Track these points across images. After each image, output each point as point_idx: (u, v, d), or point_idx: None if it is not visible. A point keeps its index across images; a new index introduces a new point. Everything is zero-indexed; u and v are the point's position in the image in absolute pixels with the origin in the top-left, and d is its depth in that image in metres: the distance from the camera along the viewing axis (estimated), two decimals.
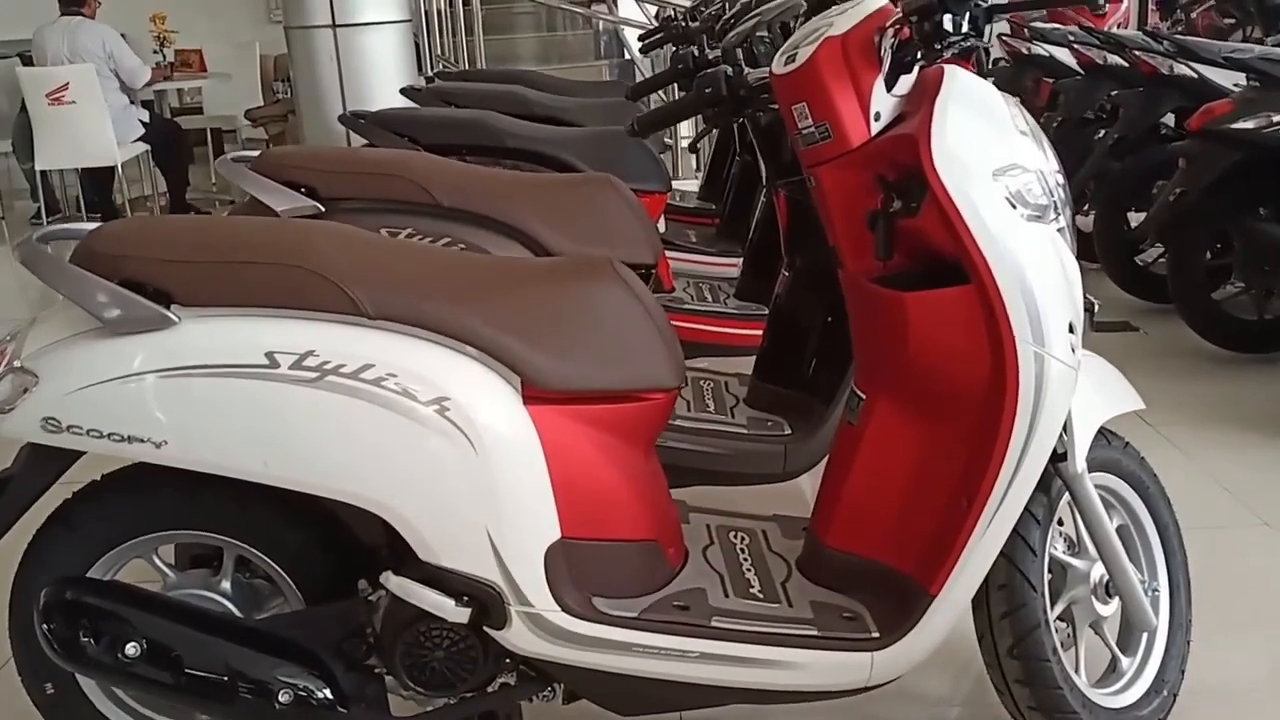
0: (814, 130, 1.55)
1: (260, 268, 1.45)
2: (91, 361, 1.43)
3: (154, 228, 1.57)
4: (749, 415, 2.37)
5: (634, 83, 2.82)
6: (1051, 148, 1.63)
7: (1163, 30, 8.82)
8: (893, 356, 1.57)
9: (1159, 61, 3.81)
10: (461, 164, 2.46)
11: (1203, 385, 3.34)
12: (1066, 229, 1.57)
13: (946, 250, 1.48)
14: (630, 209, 2.32)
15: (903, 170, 1.52)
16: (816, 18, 1.63)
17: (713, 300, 3.24)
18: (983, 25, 1.46)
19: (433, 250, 1.64)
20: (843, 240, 1.61)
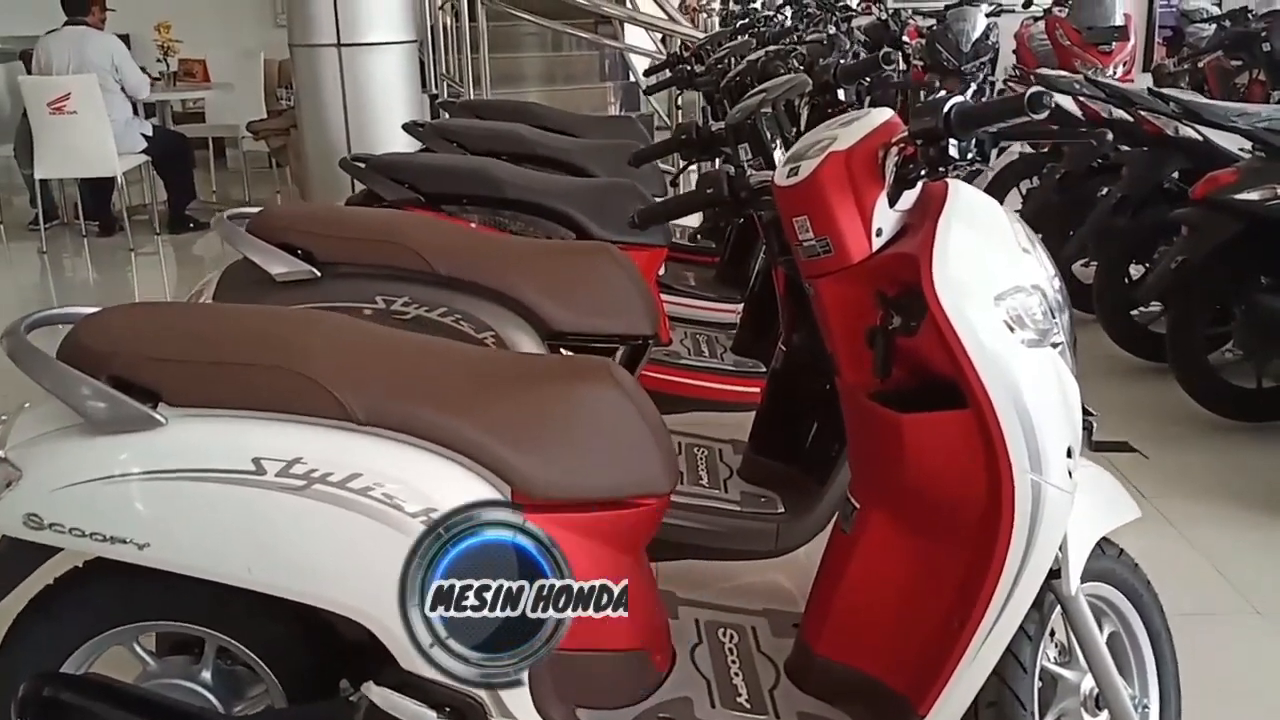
0: (815, 244, 1.54)
1: (250, 370, 1.43)
2: (76, 460, 1.41)
3: (143, 322, 1.54)
4: (742, 490, 2.35)
5: (641, 146, 2.80)
6: (1049, 256, 1.61)
7: (1169, 65, 8.88)
8: (888, 472, 1.55)
9: (1164, 122, 3.80)
10: (460, 229, 2.44)
11: (1199, 455, 3.33)
12: (1065, 342, 1.55)
13: (945, 372, 1.47)
14: (629, 279, 2.30)
15: (903, 287, 1.50)
16: (821, 127, 1.62)
17: (709, 355, 3.22)
18: (988, 150, 1.44)
19: (426, 346, 1.61)
20: (841, 352, 1.59)
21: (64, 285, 6.12)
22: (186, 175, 6.92)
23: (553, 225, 2.94)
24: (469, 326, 2.16)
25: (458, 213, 2.92)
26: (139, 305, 1.63)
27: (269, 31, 8.86)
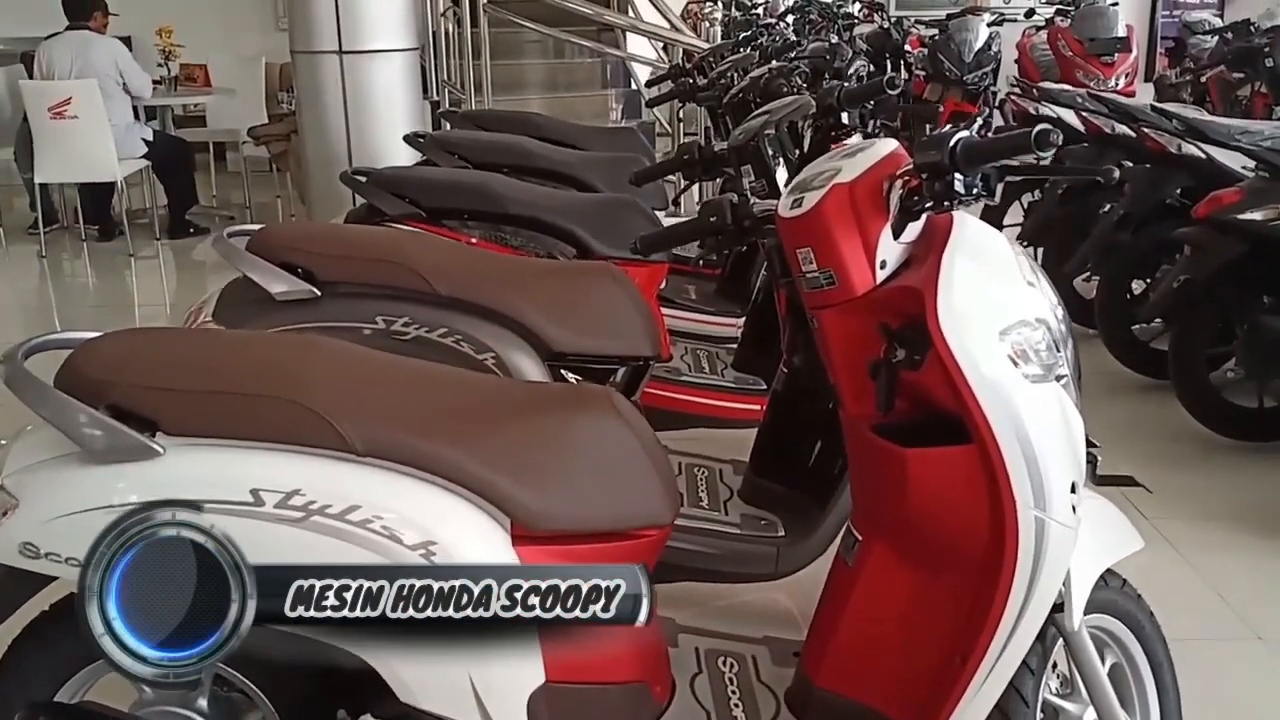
0: (818, 275, 1.53)
1: (249, 400, 1.42)
2: (73, 489, 1.40)
3: (141, 349, 1.53)
4: (742, 512, 2.34)
5: (641, 169, 2.78)
6: (1053, 287, 1.60)
7: (1171, 76, 8.87)
8: (891, 506, 1.54)
9: (1167, 139, 3.79)
10: (461, 249, 2.43)
11: (1201, 475, 3.32)
12: (1069, 375, 1.54)
13: (948, 406, 1.46)
14: (630, 299, 2.30)
15: (907, 319, 1.49)
16: (825, 158, 1.61)
17: (710, 371, 3.21)
18: (994, 185, 1.43)
19: (427, 374, 1.60)
20: (843, 383, 1.58)
21: (63, 290, 6.12)
22: (187, 180, 6.91)
23: (554, 241, 2.93)
24: (469, 347, 2.15)
25: (458, 228, 2.92)
26: (138, 331, 1.61)
27: (271, 35, 8.83)
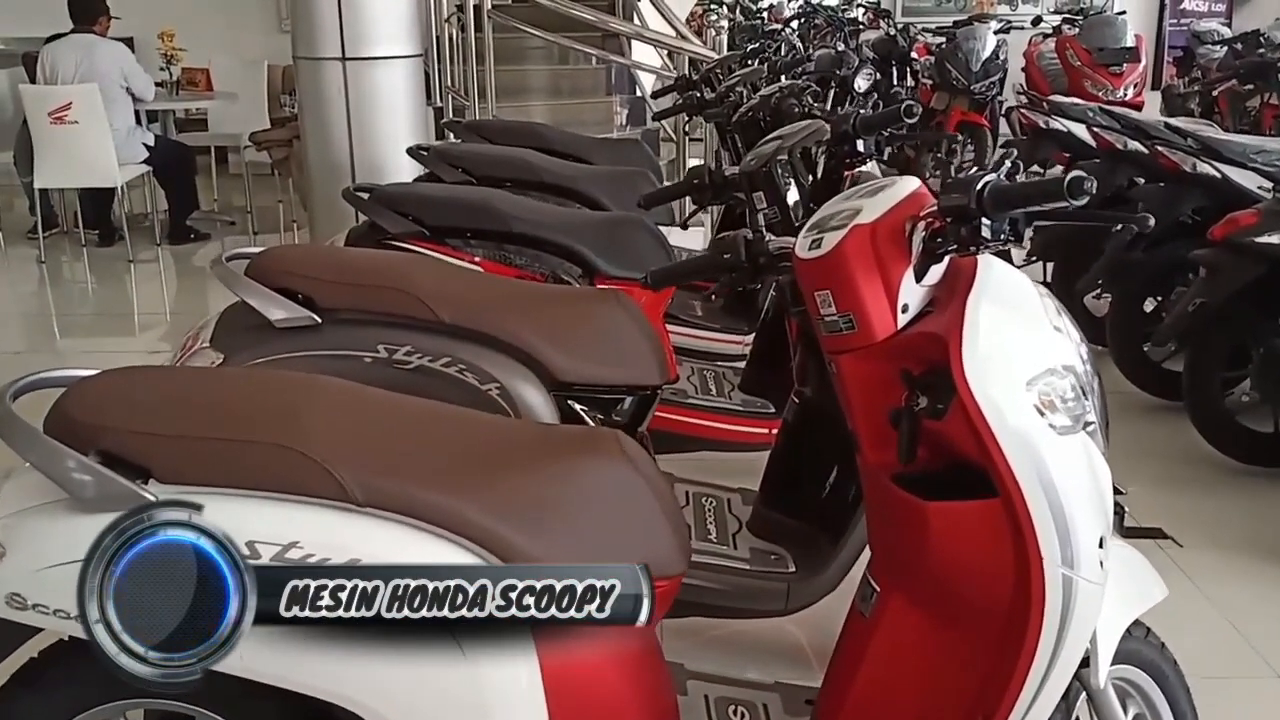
0: (837, 319, 1.47)
1: (244, 447, 1.37)
2: (63, 539, 1.34)
3: (134, 391, 1.48)
4: (751, 546, 2.29)
5: (650, 193, 2.73)
6: (1079, 329, 1.55)
7: (1179, 86, 8.82)
8: (911, 558, 1.49)
9: (1181, 158, 3.74)
10: (466, 274, 2.37)
11: (1217, 501, 3.26)
12: (1097, 422, 1.49)
13: (972, 456, 1.40)
14: (638, 326, 2.24)
15: (929, 365, 1.44)
16: (842, 196, 1.56)
17: (717, 393, 3.15)
18: (1022, 230, 1.37)
19: (430, 416, 1.55)
20: (862, 430, 1.53)
21: (62, 297, 6.06)
22: (189, 186, 6.86)
23: (558, 261, 2.88)
24: (473, 378, 2.09)
25: (461, 246, 2.86)
26: (130, 371, 1.56)
27: (273, 36, 8.79)
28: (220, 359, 2.11)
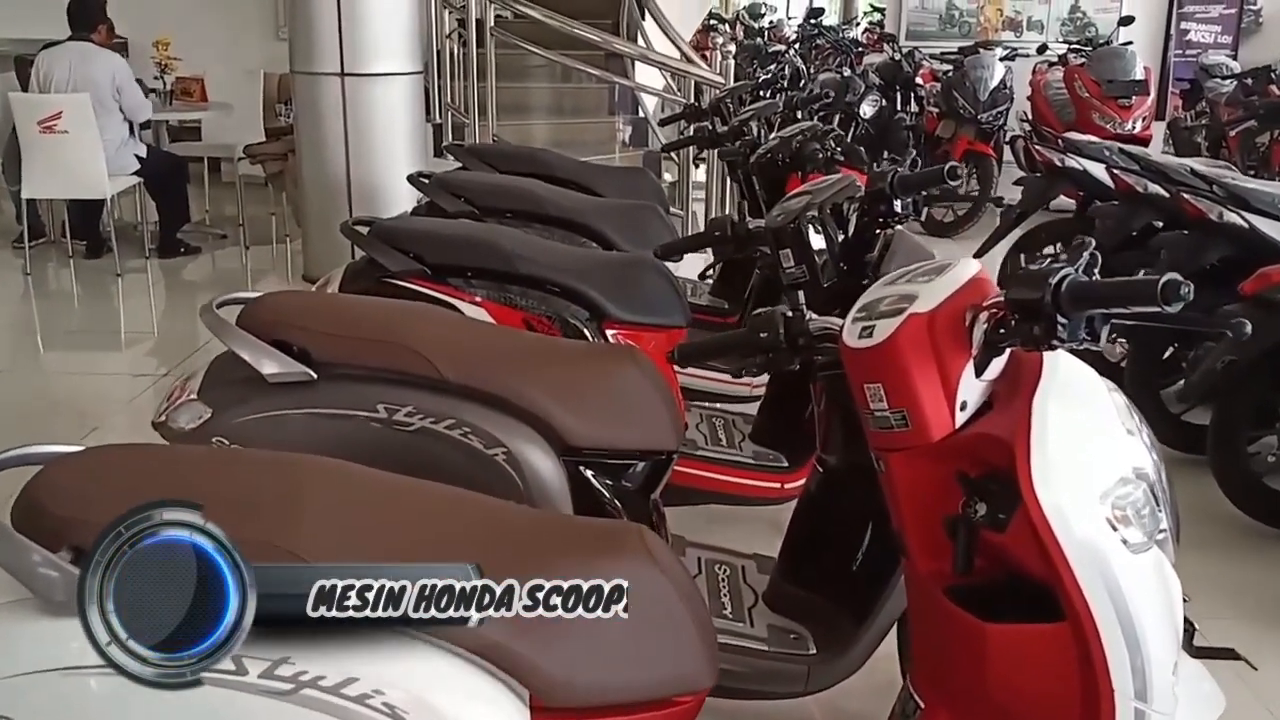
0: (889, 415, 1.34)
1: None
2: (29, 645, 1.21)
3: (111, 479, 1.34)
4: (769, 623, 2.15)
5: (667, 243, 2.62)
6: (1149, 428, 1.42)
7: (1186, 119, 8.75)
8: (963, 680, 1.36)
9: (1207, 206, 3.62)
10: (471, 327, 2.24)
11: (1246, 569, 3.13)
12: (1169, 530, 1.36)
13: (1036, 573, 1.27)
14: (653, 386, 2.10)
15: (988, 468, 1.31)
16: (895, 277, 1.42)
17: (728, 444, 3.02)
18: (1099, 330, 1.24)
19: (437, 506, 1.42)
20: (912, 536, 1.40)
21: (47, 311, 5.90)
22: (180, 198, 6.71)
23: (564, 303, 2.76)
24: (478, 441, 1.96)
25: (463, 286, 2.74)
26: (107, 454, 1.42)
27: (270, 44, 8.65)
28: (208, 413, 1.98)
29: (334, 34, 5.54)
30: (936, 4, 10.58)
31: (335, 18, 5.53)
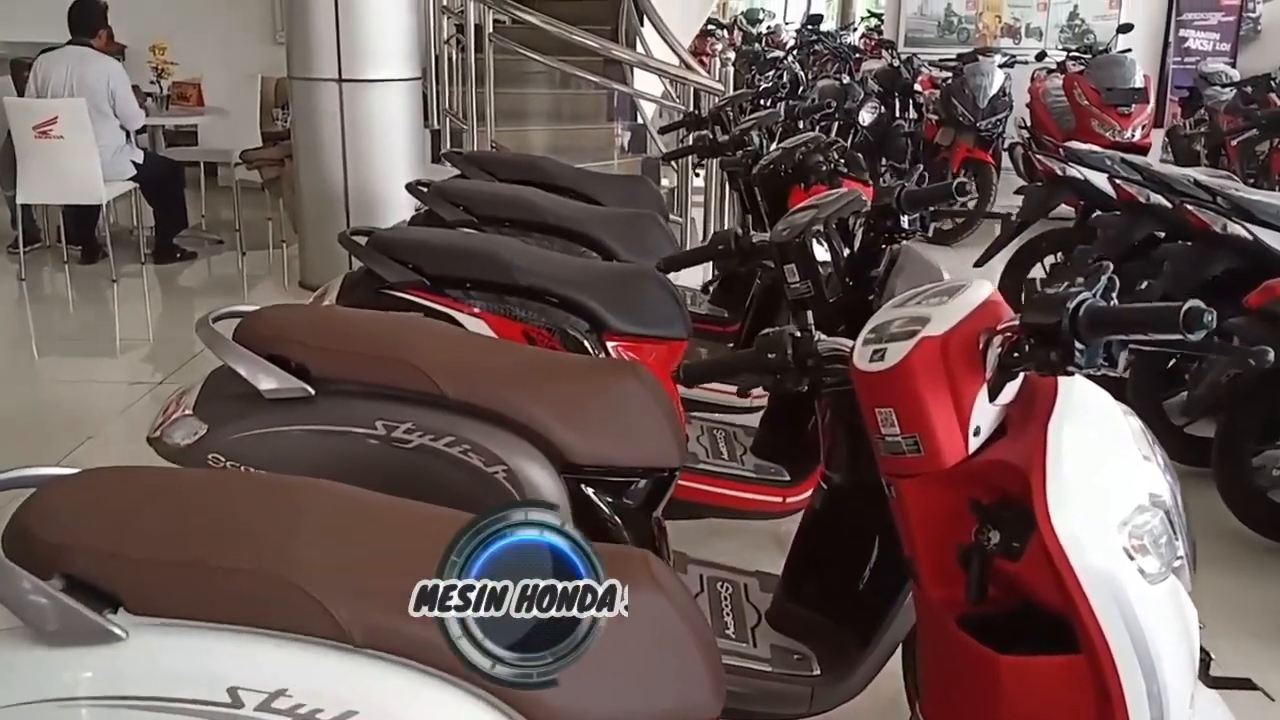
0: (900, 440, 1.31)
1: (226, 575, 1.20)
2: (20, 677, 1.18)
3: (105, 503, 1.30)
4: (772, 644, 2.12)
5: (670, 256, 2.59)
6: (1164, 452, 1.39)
7: (1185, 127, 8.73)
8: (975, 712, 1.33)
9: (1211, 218, 3.60)
10: (471, 342, 2.21)
11: (1252, 586, 3.10)
12: (1185, 557, 1.34)
13: (1051, 603, 1.25)
14: (655, 402, 2.08)
15: (1001, 495, 1.28)
16: (906, 299, 1.40)
17: (729, 458, 2.99)
18: (1117, 355, 1.21)
19: (437, 531, 1.38)
20: (923, 564, 1.37)
21: (42, 317, 5.85)
22: (178, 204, 6.67)
23: (564, 315, 2.72)
24: (478, 459, 1.93)
25: (462, 298, 2.71)
26: (101, 477, 1.38)
27: (268, 48, 8.61)
28: (204, 429, 1.95)
29: (332, 40, 5.51)
30: (935, 10, 10.57)
31: (333, 23, 5.51)
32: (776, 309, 3.50)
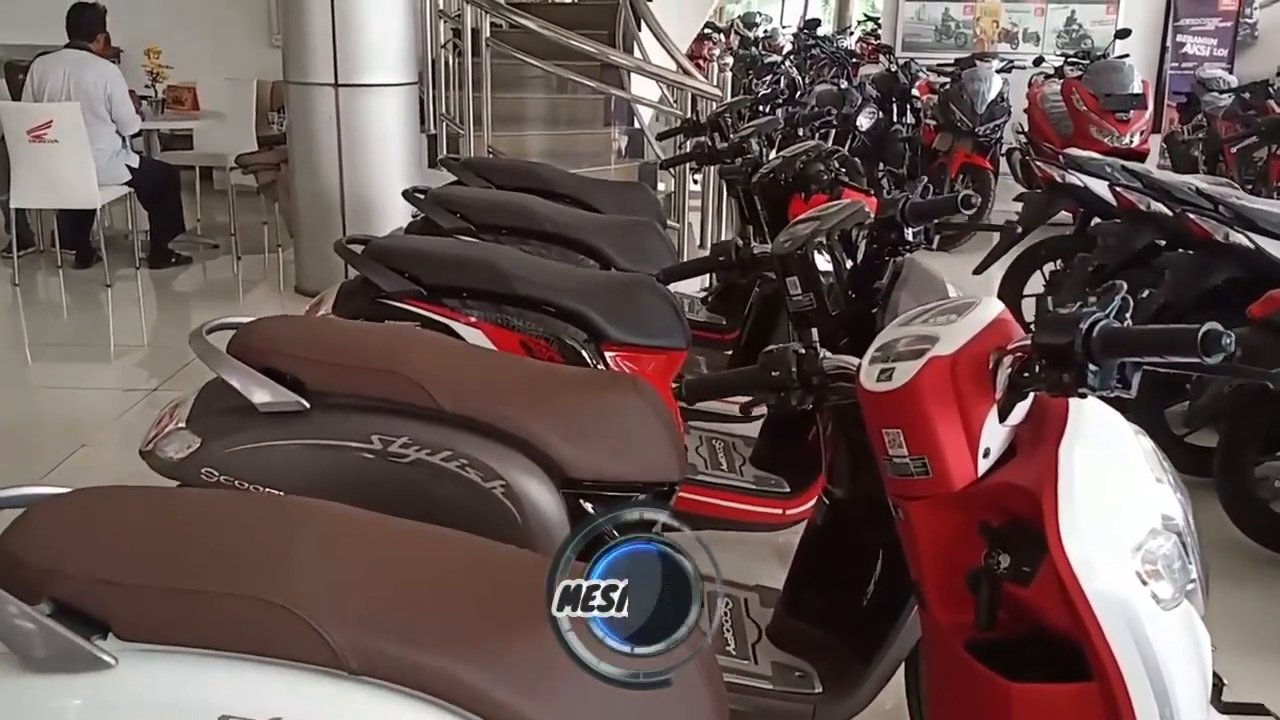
0: (908, 462, 1.29)
1: (218, 599, 1.17)
2: (7, 705, 1.15)
3: (95, 526, 1.27)
4: (773, 660, 2.09)
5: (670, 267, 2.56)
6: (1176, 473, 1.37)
7: (1183, 133, 8.71)
8: None
9: (1213, 226, 3.58)
10: (469, 354, 2.18)
11: (1256, 599, 3.07)
12: (1199, 580, 1.31)
13: (1062, 628, 1.22)
14: (656, 416, 2.05)
15: (1010, 518, 1.26)
16: (913, 316, 1.37)
17: (728, 469, 2.96)
18: (1131, 377, 1.19)
19: (437, 554, 1.36)
20: (931, 587, 1.34)
21: (35, 322, 5.81)
22: (174, 208, 6.63)
23: (562, 325, 2.70)
24: (476, 473, 1.90)
25: (459, 307, 2.69)
26: (90, 498, 1.35)
27: (264, 51, 8.58)
28: (197, 443, 1.92)
29: (328, 44, 5.48)
30: (932, 15, 10.53)
31: (329, 28, 5.48)
32: (776, 317, 3.48)
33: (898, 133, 8.28)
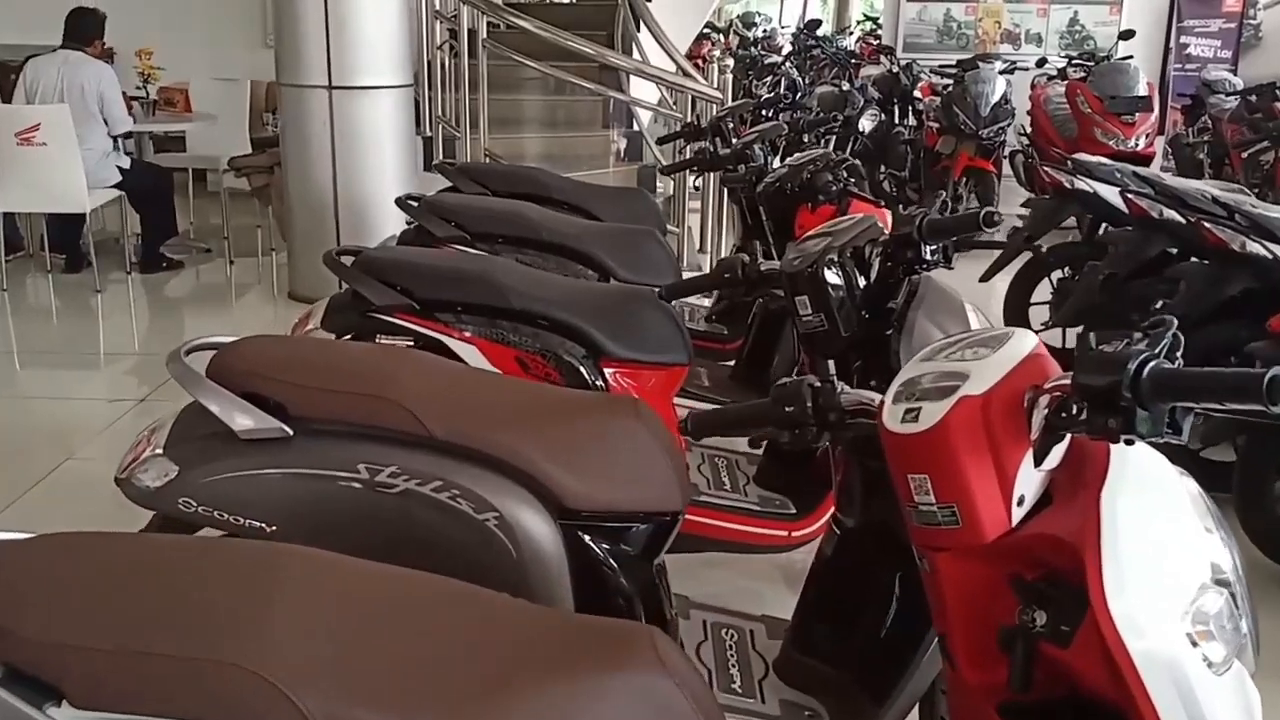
0: (935, 510, 1.18)
1: (181, 665, 1.07)
2: None
3: (49, 578, 1.17)
4: (781, 698, 1.99)
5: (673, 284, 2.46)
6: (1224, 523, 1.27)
7: (1188, 135, 8.62)
8: None
9: (1229, 235, 3.48)
10: (461, 377, 2.07)
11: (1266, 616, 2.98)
12: (1249, 634, 1.21)
13: (1105, 693, 1.12)
14: (657, 441, 1.94)
15: (1046, 571, 1.15)
16: (940, 349, 1.27)
17: (731, 489, 2.86)
18: (1182, 422, 1.09)
19: (425, 606, 1.25)
20: (958, 644, 1.24)
21: (24, 328, 5.68)
22: (166, 212, 6.52)
23: (560, 340, 2.60)
24: (468, 505, 1.79)
25: (453, 322, 2.59)
26: (49, 546, 1.25)
27: (257, 52, 8.49)
28: (175, 471, 1.81)
29: (321, 46, 5.38)
30: (934, 16, 10.44)
31: (323, 29, 5.38)
32: (780, 328, 3.39)
33: (900, 135, 8.19)
